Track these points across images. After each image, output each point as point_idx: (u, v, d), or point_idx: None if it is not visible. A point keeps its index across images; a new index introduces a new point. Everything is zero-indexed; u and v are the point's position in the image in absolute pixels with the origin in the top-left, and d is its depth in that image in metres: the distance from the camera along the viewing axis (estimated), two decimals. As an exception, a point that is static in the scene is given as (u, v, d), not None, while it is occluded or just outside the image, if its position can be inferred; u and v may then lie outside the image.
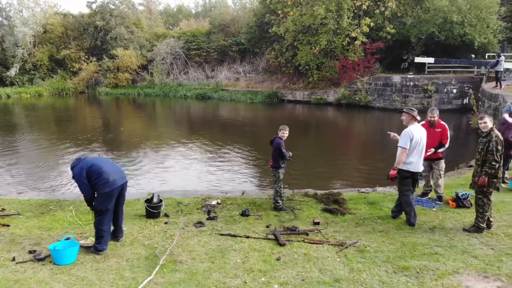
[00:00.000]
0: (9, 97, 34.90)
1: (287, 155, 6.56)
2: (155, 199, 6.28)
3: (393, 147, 6.28)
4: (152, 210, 6.22)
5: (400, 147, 5.85)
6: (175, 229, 5.94)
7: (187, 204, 6.95)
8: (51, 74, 39.52)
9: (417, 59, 25.33)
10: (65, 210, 6.88)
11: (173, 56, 38.31)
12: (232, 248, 5.28)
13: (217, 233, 5.74)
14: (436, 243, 5.40)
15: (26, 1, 41.76)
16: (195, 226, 6.00)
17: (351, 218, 6.33)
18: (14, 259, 5.01)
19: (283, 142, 6.66)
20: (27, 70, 39.01)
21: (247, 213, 6.39)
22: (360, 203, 6.98)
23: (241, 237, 5.60)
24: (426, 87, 23.34)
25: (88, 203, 5.38)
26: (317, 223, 6.09)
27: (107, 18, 38.29)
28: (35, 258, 5.08)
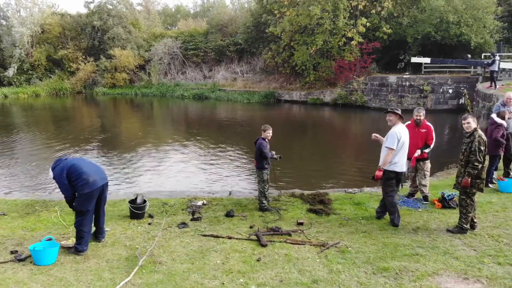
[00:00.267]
0: (6, 97, 34.90)
1: (270, 155, 6.54)
2: (138, 200, 6.26)
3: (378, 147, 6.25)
4: (136, 210, 6.20)
5: (388, 147, 5.83)
6: (158, 230, 5.92)
7: (172, 204, 6.93)
8: (49, 74, 39.51)
9: (414, 59, 25.32)
10: (50, 211, 6.86)
11: (170, 56, 38.29)
12: (214, 249, 5.26)
13: (199, 234, 5.72)
14: (418, 244, 5.38)
15: (24, 1, 41.85)
16: (178, 227, 5.98)
17: (335, 219, 6.31)
18: (-5, 259, 5.00)
19: (266, 142, 6.65)
20: (25, 70, 39.00)
21: (231, 214, 6.37)
22: (346, 204, 6.96)
23: (224, 238, 5.58)
24: (422, 87, 23.32)
25: (68, 204, 5.37)
26: (301, 224, 6.08)
27: (104, 18, 38.28)
28: (16, 258, 5.07)
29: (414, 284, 4.39)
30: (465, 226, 5.66)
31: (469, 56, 23.69)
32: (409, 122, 7.09)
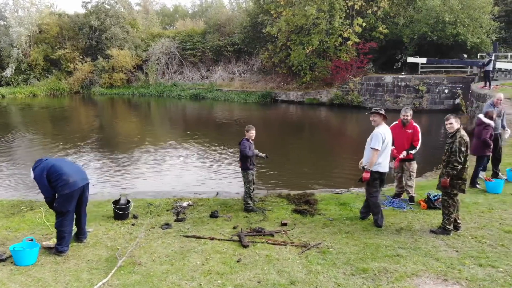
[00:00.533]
0: (3, 97, 34.87)
1: (250, 153, 6.54)
2: (122, 201, 6.24)
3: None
4: (119, 211, 6.18)
5: (373, 148, 5.81)
6: (141, 230, 5.90)
7: (157, 205, 6.91)
8: (46, 74, 39.47)
9: (410, 59, 25.29)
10: (35, 211, 6.85)
11: (168, 56, 38.25)
12: (194, 250, 5.24)
13: (182, 235, 5.71)
14: (400, 244, 5.36)
15: (22, 1, 41.81)
16: (162, 228, 5.96)
17: (319, 219, 6.29)
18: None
19: (250, 142, 6.64)
20: (23, 70, 38.96)
21: (216, 215, 6.35)
22: (332, 204, 6.94)
23: (206, 239, 5.56)
24: (417, 87, 23.30)
25: (48, 204, 5.36)
26: (285, 224, 6.06)
27: (102, 18, 38.24)
28: (-3, 258, 5.07)
29: (392, 286, 4.38)
30: (448, 227, 5.64)
31: (465, 56, 23.68)
32: (396, 123, 7.08)
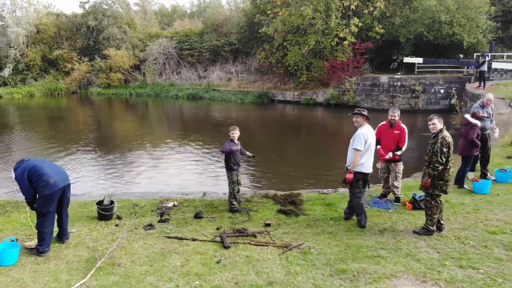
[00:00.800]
0: (1, 97, 34.87)
1: (224, 148, 6.58)
2: (105, 201, 6.23)
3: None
4: (103, 212, 6.16)
5: (355, 149, 5.80)
6: (123, 231, 5.89)
7: (143, 206, 6.90)
8: (44, 74, 39.46)
9: (406, 59, 25.29)
10: (20, 212, 6.84)
11: (165, 56, 38.24)
12: (175, 251, 5.23)
13: (164, 236, 5.69)
14: (381, 245, 5.34)
15: (20, 1, 41.80)
16: (145, 228, 5.95)
17: (303, 219, 6.28)
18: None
19: (234, 143, 6.65)
20: (20, 70, 38.95)
21: (200, 215, 6.34)
22: (317, 204, 6.93)
23: (188, 239, 5.55)
24: (413, 88, 23.28)
25: (29, 205, 5.34)
26: (268, 225, 6.04)
27: (99, 18, 38.22)
28: (-22, 259, 5.05)
29: (369, 287, 4.36)
30: (431, 227, 5.62)
31: (461, 56, 23.66)
32: (383, 123, 7.07)
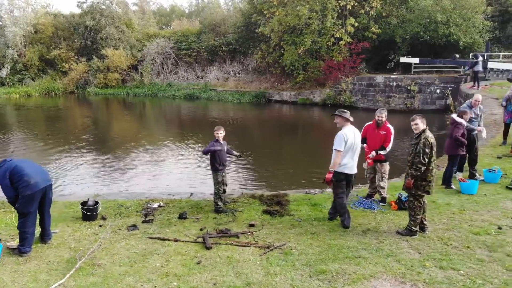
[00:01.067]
0: (-2, 97, 34.91)
1: (205, 149, 6.56)
2: (90, 202, 6.23)
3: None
4: (87, 212, 6.16)
5: (335, 149, 5.80)
6: (107, 232, 5.89)
7: (128, 206, 6.89)
8: (41, 74, 39.44)
9: (402, 59, 25.27)
10: (6, 212, 6.84)
11: (163, 56, 38.20)
12: (156, 252, 5.22)
13: (147, 237, 5.69)
14: (363, 246, 5.34)
15: (17, 1, 41.81)
16: (128, 229, 5.94)
17: (288, 220, 6.27)
18: None
19: (218, 143, 6.65)
20: (18, 70, 38.94)
21: (184, 216, 6.34)
22: (303, 204, 6.92)
23: (170, 240, 5.55)
24: (409, 87, 23.26)
25: (12, 205, 5.35)
26: (252, 225, 6.04)
27: (97, 18, 38.16)
28: (-39, 259, 5.06)
29: None
30: (414, 228, 5.62)
31: (457, 56, 23.63)
32: (370, 123, 7.07)
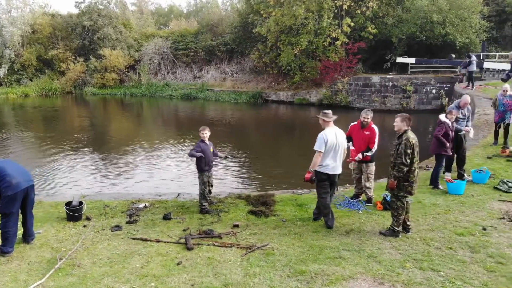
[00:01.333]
0: (-5, 97, 34.95)
1: (190, 153, 6.56)
2: (74, 202, 6.23)
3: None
4: (71, 213, 6.16)
5: (315, 150, 5.82)
6: (90, 232, 5.89)
7: (114, 207, 6.89)
8: (39, 74, 39.47)
9: (399, 59, 25.25)
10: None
11: (160, 56, 38.23)
12: (138, 253, 5.22)
13: (129, 237, 5.69)
14: (345, 246, 5.33)
15: (15, 1, 41.81)
16: (111, 229, 5.94)
17: (273, 220, 6.27)
18: None
19: (204, 143, 6.65)
20: (16, 70, 38.98)
21: (169, 217, 6.33)
22: (289, 205, 6.92)
23: (152, 241, 5.54)
24: (405, 88, 23.26)
25: (-6, 205, 5.34)
26: (236, 226, 6.04)
27: (94, 18, 38.21)
28: None
29: (324, 288, 4.36)
30: (397, 228, 5.62)
31: (453, 56, 23.61)
32: (355, 123, 7.06)
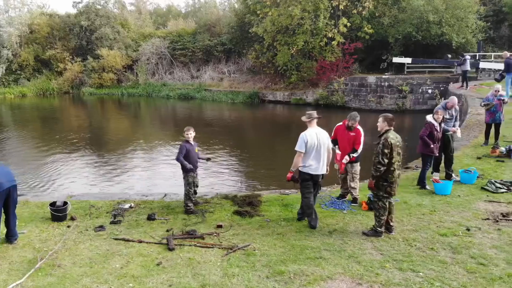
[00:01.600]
0: (-7, 97, 34.98)
1: (179, 160, 6.54)
2: (58, 202, 6.24)
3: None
4: (55, 213, 6.17)
5: (296, 150, 5.86)
6: (73, 232, 5.90)
7: (99, 207, 6.89)
8: (37, 74, 39.46)
9: (395, 59, 25.26)
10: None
11: (158, 56, 38.20)
12: (119, 253, 5.23)
13: (112, 238, 5.70)
14: (326, 246, 5.34)
15: (13, 1, 41.80)
16: (95, 230, 5.95)
17: (257, 221, 6.28)
18: None
19: (189, 144, 6.65)
20: (13, 70, 38.97)
21: (153, 217, 6.34)
22: (275, 205, 6.92)
23: (134, 241, 5.55)
24: (400, 88, 23.26)
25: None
26: (220, 226, 6.04)
27: (92, 18, 38.19)
28: None
29: (302, 289, 4.36)
30: (379, 229, 5.62)
31: (449, 56, 23.61)
32: (340, 124, 7.04)
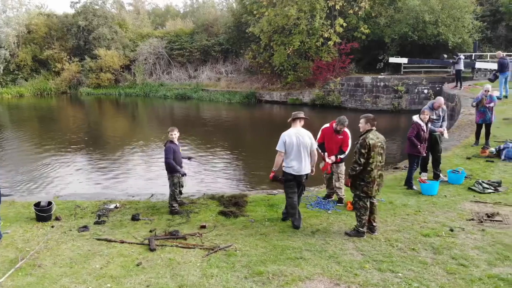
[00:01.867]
0: (-10, 97, 34.99)
1: (171, 163, 6.53)
2: (42, 202, 6.25)
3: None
4: (39, 213, 6.19)
5: (276, 150, 5.90)
6: (57, 232, 5.91)
7: (85, 207, 6.90)
8: (34, 74, 39.48)
9: (391, 60, 25.21)
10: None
11: (156, 56, 38.20)
12: (100, 254, 5.24)
13: (95, 238, 5.71)
14: (308, 247, 5.34)
15: (11, 1, 41.83)
16: (78, 230, 5.96)
17: (241, 221, 6.28)
18: None
19: (175, 145, 6.65)
20: (11, 70, 38.99)
21: (137, 218, 6.35)
22: (260, 205, 6.93)
23: (116, 242, 5.56)
24: (396, 88, 23.25)
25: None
26: (204, 227, 6.05)
27: (89, 18, 38.20)
28: None
29: (279, 289, 4.37)
30: (361, 229, 5.63)
31: (445, 56, 23.58)
32: (327, 125, 7.01)
